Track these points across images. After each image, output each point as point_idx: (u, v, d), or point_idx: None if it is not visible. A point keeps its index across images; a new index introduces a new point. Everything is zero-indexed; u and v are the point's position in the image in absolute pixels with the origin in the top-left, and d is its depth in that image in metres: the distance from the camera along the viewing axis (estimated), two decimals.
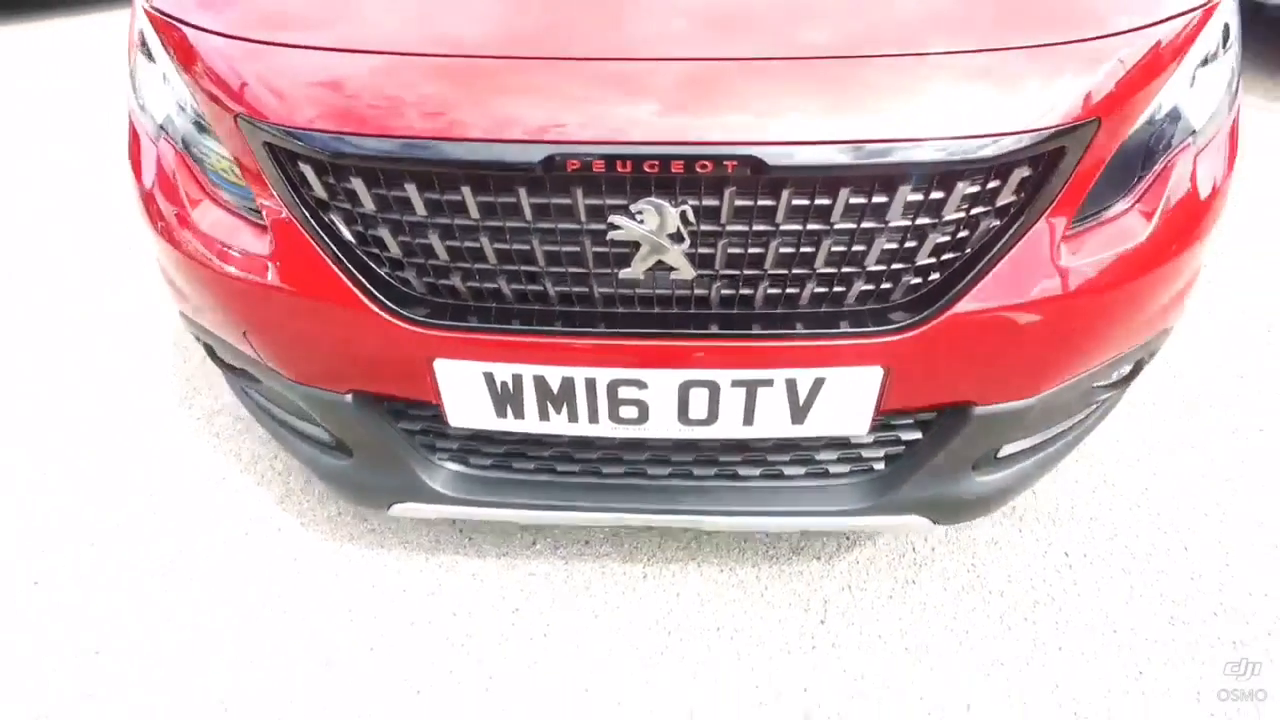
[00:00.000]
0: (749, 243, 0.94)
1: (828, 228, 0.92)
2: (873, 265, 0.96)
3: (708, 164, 0.86)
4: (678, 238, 0.93)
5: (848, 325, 1.00)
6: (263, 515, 1.64)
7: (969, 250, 0.98)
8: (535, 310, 1.02)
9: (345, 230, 1.00)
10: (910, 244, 0.95)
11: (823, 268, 0.96)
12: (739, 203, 0.91)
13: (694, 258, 0.95)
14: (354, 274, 1.01)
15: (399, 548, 1.56)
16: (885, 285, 0.99)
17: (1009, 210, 0.97)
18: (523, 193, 0.92)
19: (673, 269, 0.96)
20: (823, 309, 1.00)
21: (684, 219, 0.91)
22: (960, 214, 0.95)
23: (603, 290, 0.99)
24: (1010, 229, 0.98)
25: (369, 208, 0.96)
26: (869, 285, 0.99)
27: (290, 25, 0.99)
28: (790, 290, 0.99)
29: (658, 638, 1.42)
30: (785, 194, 0.90)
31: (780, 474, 1.22)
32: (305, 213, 1.00)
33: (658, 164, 0.87)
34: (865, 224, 0.93)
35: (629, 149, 0.88)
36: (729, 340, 1.00)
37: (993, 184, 0.94)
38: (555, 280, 0.99)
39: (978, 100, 0.90)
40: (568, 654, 1.39)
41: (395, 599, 1.48)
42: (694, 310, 1.01)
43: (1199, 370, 1.97)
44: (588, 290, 0.99)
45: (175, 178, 1.13)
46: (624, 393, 1.04)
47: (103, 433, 1.82)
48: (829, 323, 1.00)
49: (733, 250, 0.95)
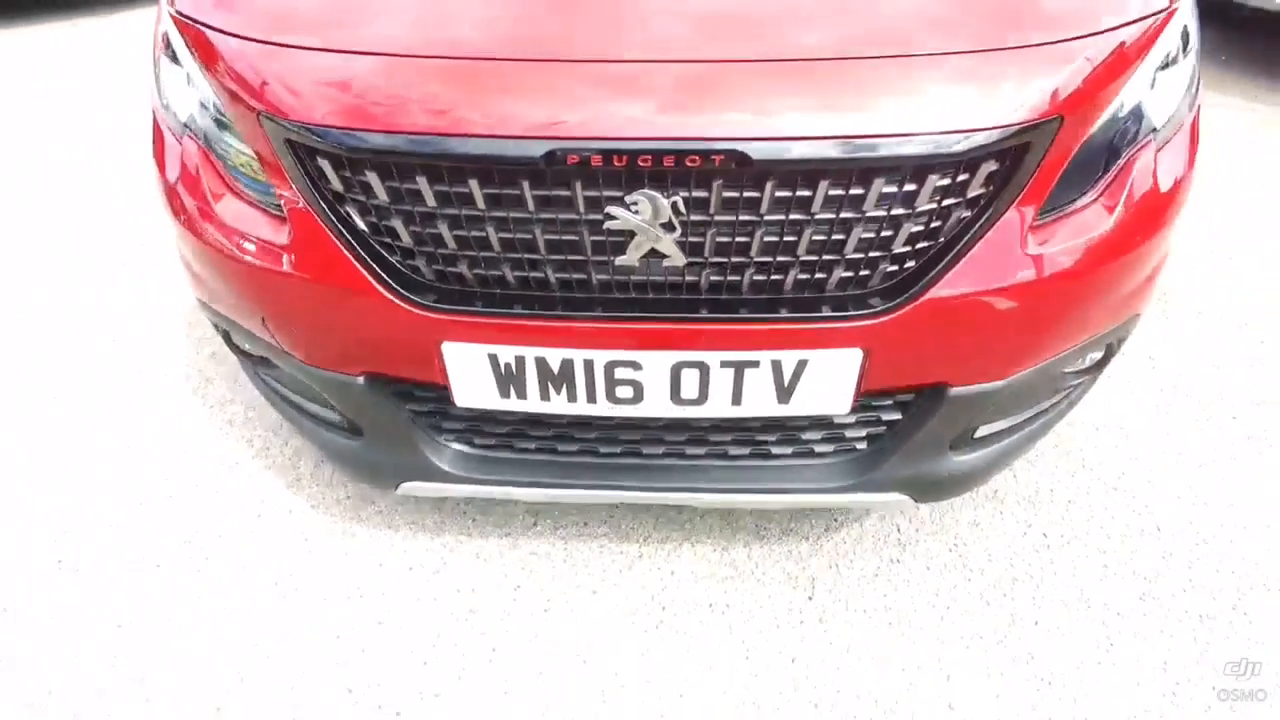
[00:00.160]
0: (736, 232, 1.01)
1: (809, 218, 1.00)
2: (851, 253, 1.03)
3: (697, 158, 0.94)
4: (670, 227, 1.00)
5: (829, 310, 1.07)
6: (274, 498, 1.70)
7: (942, 239, 1.05)
8: (537, 296, 1.09)
9: (360, 221, 1.07)
10: (886, 233, 1.03)
11: (805, 255, 1.03)
12: (726, 194, 0.98)
13: (685, 246, 1.02)
14: (367, 262, 1.08)
15: (405, 529, 1.63)
16: (864, 272, 1.06)
17: (978, 202, 1.04)
18: (526, 185, 0.99)
19: (665, 256, 1.03)
20: (805, 294, 1.07)
21: (675, 210, 0.98)
22: (933, 205, 1.02)
23: (600, 277, 1.06)
24: (980, 219, 1.05)
25: (382, 199, 1.04)
26: (848, 272, 1.06)
27: (309, 29, 1.06)
28: (775, 277, 1.06)
29: (653, 613, 1.49)
30: (769, 186, 0.97)
31: (768, 453, 1.29)
32: (322, 204, 1.07)
33: (651, 158, 0.94)
34: (844, 214, 1.00)
35: (624, 144, 0.94)
36: (718, 323, 1.07)
37: (962, 177, 1.01)
38: (556, 267, 1.06)
39: (947, 99, 0.97)
40: (567, 628, 1.46)
41: (402, 577, 1.55)
42: (685, 295, 1.08)
43: (1176, 361, 2.04)
44: (586, 277, 1.06)
45: (198, 172, 1.20)
46: (620, 373, 1.11)
47: (120, 421, 1.89)
48: (811, 307, 1.07)
49: (721, 239, 1.02)
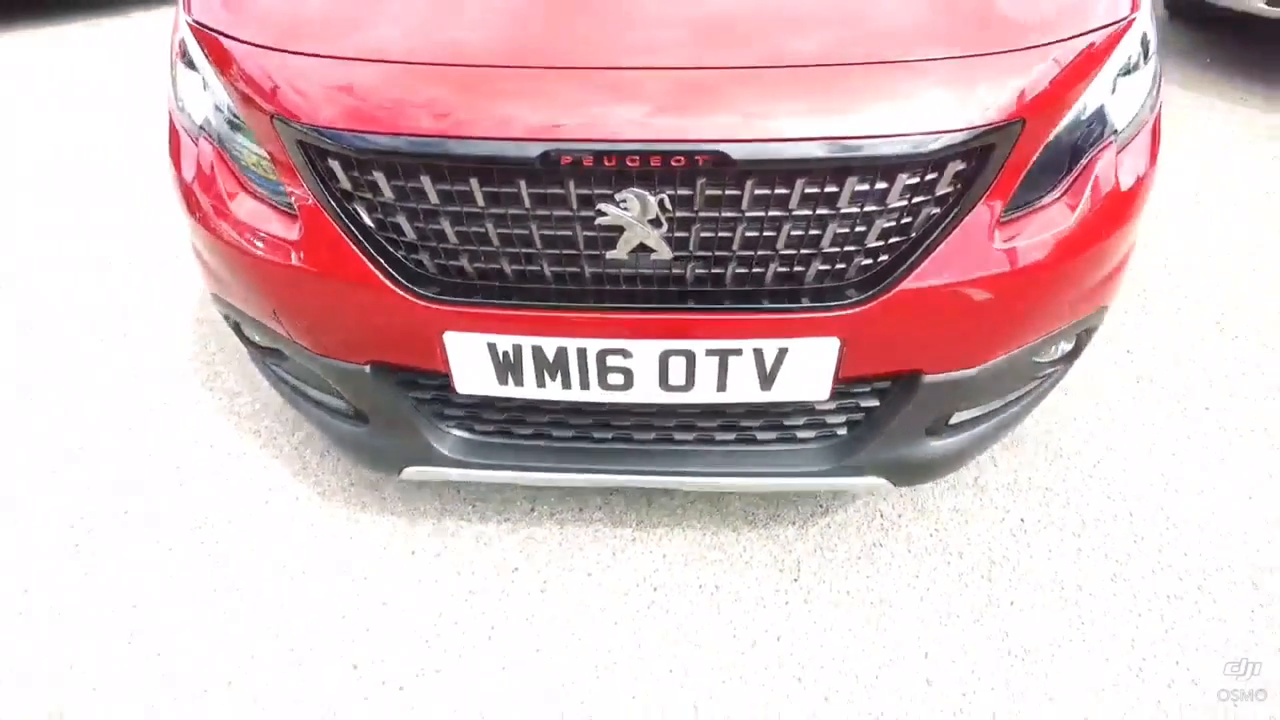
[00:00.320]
0: (719, 227, 1.08)
1: (787, 214, 1.06)
2: (827, 247, 1.10)
3: (682, 159, 1.00)
4: (657, 223, 1.07)
5: (807, 301, 1.14)
6: (281, 486, 1.77)
7: (912, 234, 1.12)
8: (533, 288, 1.16)
9: (367, 217, 1.14)
10: (860, 229, 1.09)
11: (784, 250, 1.10)
12: (709, 192, 1.05)
13: (671, 241, 1.09)
14: (374, 256, 1.15)
15: (408, 514, 1.70)
16: (839, 265, 1.13)
17: (946, 199, 1.11)
18: (522, 184, 1.06)
19: (653, 251, 1.09)
20: (785, 286, 1.14)
21: (662, 206, 1.05)
22: (903, 202, 1.08)
23: (592, 270, 1.13)
24: (948, 216, 1.12)
25: (388, 197, 1.10)
26: (825, 265, 1.12)
27: (320, 37, 1.13)
28: (756, 270, 1.12)
29: (645, 593, 1.55)
30: (749, 185, 1.04)
31: (753, 438, 1.36)
32: (332, 202, 1.14)
33: (639, 159, 1.01)
34: (819, 211, 1.07)
35: (614, 146, 1.01)
36: (703, 314, 1.13)
37: (931, 176, 1.08)
38: (551, 261, 1.13)
39: (915, 103, 1.04)
40: (563, 607, 1.53)
41: (404, 560, 1.61)
42: (672, 288, 1.15)
43: (1153, 355, 2.11)
44: (579, 270, 1.13)
45: (212, 172, 1.27)
46: (611, 361, 1.18)
47: (131, 413, 1.95)
48: (791, 298, 1.14)
49: (705, 234, 1.09)
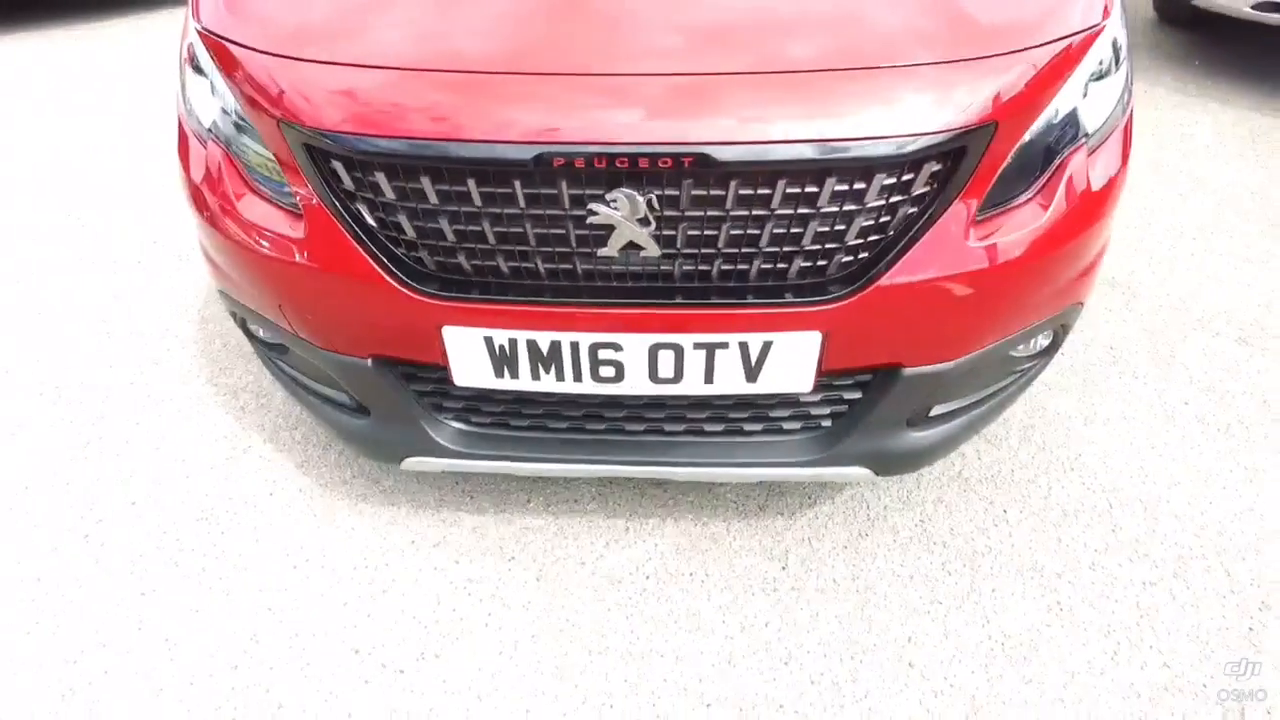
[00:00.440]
0: (705, 226, 1.13)
1: (769, 213, 1.12)
2: (808, 245, 1.15)
3: (668, 160, 1.06)
4: (645, 222, 1.12)
5: (790, 296, 1.19)
6: (285, 479, 1.82)
7: (890, 232, 1.18)
8: (528, 284, 1.21)
9: (369, 216, 1.19)
10: (839, 227, 1.15)
11: (767, 247, 1.15)
12: (695, 193, 1.10)
13: (659, 239, 1.14)
14: (375, 254, 1.20)
15: (408, 505, 1.75)
16: (820, 262, 1.18)
17: (923, 199, 1.17)
18: (517, 185, 1.11)
19: (642, 248, 1.15)
20: (769, 282, 1.19)
21: (650, 206, 1.10)
22: (881, 202, 1.14)
23: (584, 267, 1.18)
24: (924, 215, 1.17)
25: (390, 197, 1.16)
26: (807, 262, 1.18)
27: (324, 44, 1.18)
28: (741, 266, 1.18)
29: (638, 582, 1.61)
30: (732, 185, 1.09)
31: (740, 430, 1.41)
32: (335, 202, 1.19)
33: (628, 161, 1.07)
34: (800, 210, 1.12)
35: (605, 148, 1.07)
36: (690, 309, 1.19)
37: (907, 176, 1.13)
38: (545, 258, 1.18)
39: (891, 106, 1.09)
40: (557, 595, 1.58)
41: (404, 549, 1.66)
42: (661, 284, 1.20)
43: (1135, 352, 2.16)
44: (571, 266, 1.18)
45: (220, 173, 1.32)
46: (603, 354, 1.23)
47: (138, 409, 2.00)
48: (774, 294, 1.19)
49: (691, 232, 1.14)
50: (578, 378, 1.26)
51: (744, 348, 1.22)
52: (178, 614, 1.54)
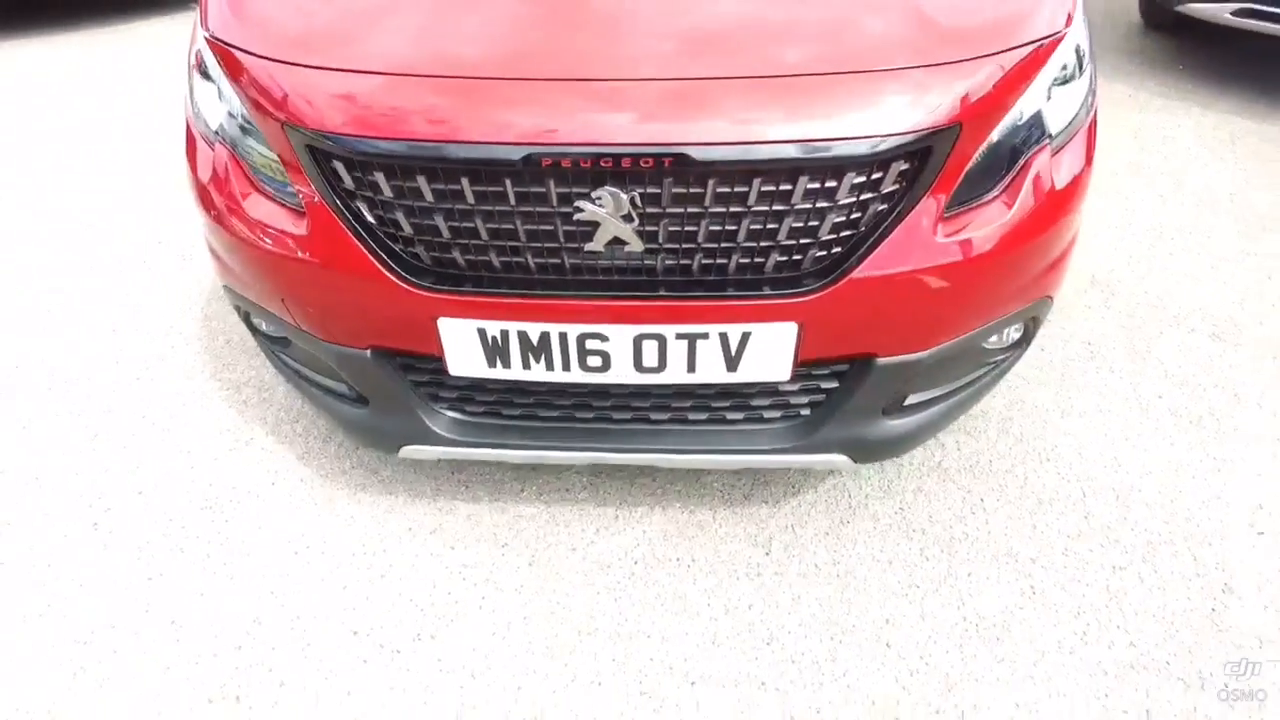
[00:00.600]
0: (685, 222, 1.20)
1: (745, 210, 1.18)
2: (784, 240, 1.22)
3: (649, 160, 1.12)
4: (629, 218, 1.18)
5: (768, 289, 1.25)
6: (286, 469, 1.88)
7: (862, 228, 1.24)
8: (519, 277, 1.27)
9: (368, 214, 1.26)
10: (813, 223, 1.21)
11: (744, 242, 1.22)
12: (675, 190, 1.16)
13: (642, 234, 1.21)
14: (374, 249, 1.27)
15: (405, 494, 1.81)
16: (795, 256, 1.24)
17: (891, 196, 1.23)
18: (508, 184, 1.18)
19: (626, 243, 1.21)
20: (747, 276, 1.26)
21: (633, 203, 1.17)
22: (851, 199, 1.20)
23: (571, 261, 1.25)
24: (894, 211, 1.24)
25: (388, 195, 1.22)
26: (782, 256, 1.24)
27: (326, 51, 1.25)
28: (720, 260, 1.24)
29: (626, 566, 1.67)
30: (710, 183, 1.16)
31: (723, 418, 1.47)
32: (336, 200, 1.26)
33: (612, 160, 1.13)
34: (775, 207, 1.18)
35: (589, 149, 1.13)
36: (672, 300, 1.25)
37: (876, 175, 1.20)
38: (534, 253, 1.24)
39: (859, 109, 1.16)
40: (549, 579, 1.64)
41: (402, 536, 1.72)
42: (644, 277, 1.26)
43: (1112, 348, 2.22)
44: (559, 261, 1.25)
45: (226, 173, 1.39)
46: (590, 344, 1.29)
47: (144, 403, 2.07)
48: (752, 287, 1.26)
49: (672, 228, 1.20)
50: (566, 367, 1.33)
51: (724, 338, 1.28)
52: (183, 597, 1.60)
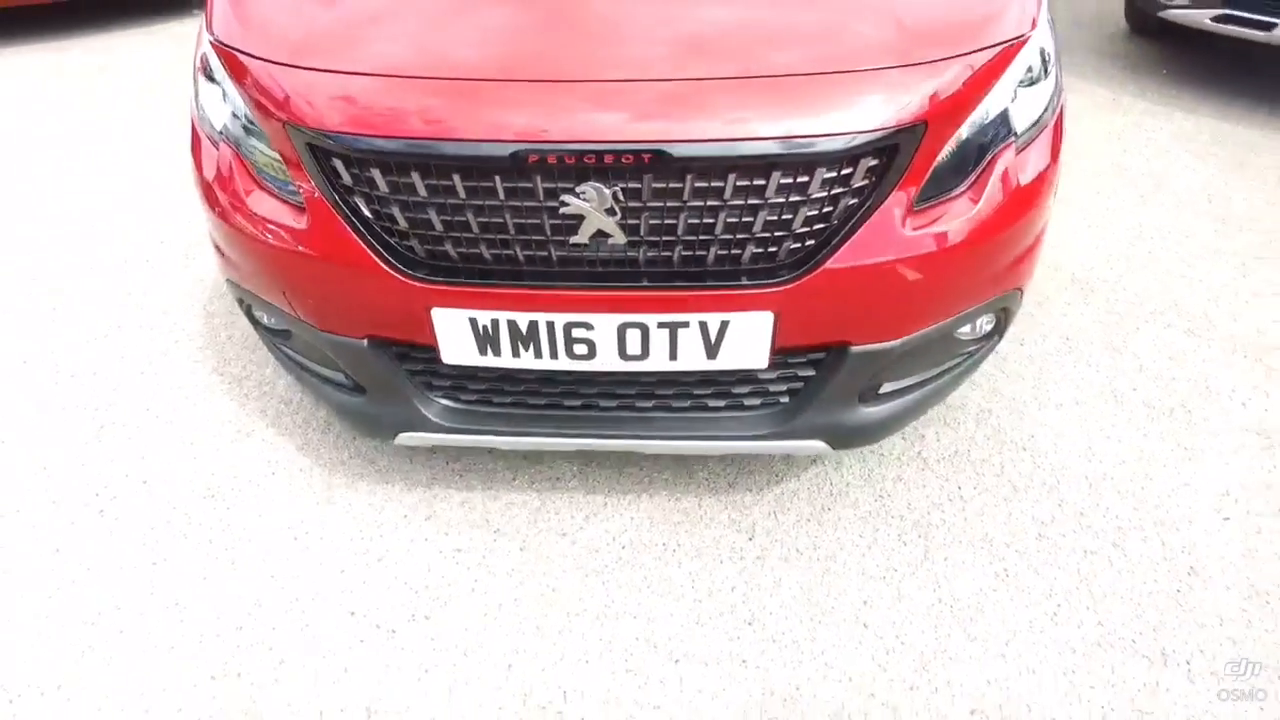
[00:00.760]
0: (665, 215, 1.26)
1: (722, 204, 1.25)
2: (759, 232, 1.28)
3: (630, 157, 1.19)
4: (612, 212, 1.25)
5: (745, 279, 1.32)
6: (286, 459, 1.94)
7: (834, 221, 1.30)
8: (508, 269, 1.34)
9: (365, 209, 1.33)
10: (786, 216, 1.28)
11: (721, 234, 1.28)
12: (655, 185, 1.23)
13: (625, 227, 1.27)
14: (371, 242, 1.34)
15: (401, 483, 1.87)
16: (771, 248, 1.31)
17: (861, 191, 1.30)
18: (497, 180, 1.25)
19: (610, 236, 1.28)
20: (725, 267, 1.32)
21: (616, 198, 1.23)
22: (823, 193, 1.27)
23: (558, 253, 1.31)
24: (864, 205, 1.30)
25: (384, 191, 1.29)
26: (758, 248, 1.30)
27: (326, 54, 1.32)
28: (699, 252, 1.30)
29: (614, 551, 1.73)
30: (688, 179, 1.22)
31: (705, 406, 1.53)
32: (335, 196, 1.32)
33: (595, 157, 1.20)
34: (750, 201, 1.25)
35: (574, 146, 1.20)
36: (654, 291, 1.31)
37: (845, 171, 1.26)
38: (523, 245, 1.31)
39: (829, 108, 1.22)
40: (539, 563, 1.69)
41: (398, 523, 1.78)
42: (627, 268, 1.33)
43: (1089, 342, 2.29)
44: (547, 253, 1.31)
45: (230, 171, 1.46)
46: (576, 333, 1.36)
47: (147, 395, 2.13)
48: (730, 277, 1.32)
49: (653, 221, 1.27)
50: (554, 355, 1.39)
51: (704, 326, 1.34)
52: (187, 581, 1.66)
